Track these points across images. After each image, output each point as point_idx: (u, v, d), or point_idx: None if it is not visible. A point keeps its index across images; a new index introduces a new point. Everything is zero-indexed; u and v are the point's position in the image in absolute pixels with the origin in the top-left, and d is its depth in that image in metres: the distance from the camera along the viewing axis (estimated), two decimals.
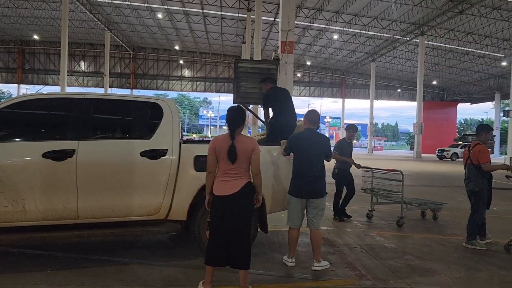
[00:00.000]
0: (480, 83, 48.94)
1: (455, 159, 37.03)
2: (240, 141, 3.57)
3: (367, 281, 4.14)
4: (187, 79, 51.23)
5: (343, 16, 32.47)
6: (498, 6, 27.82)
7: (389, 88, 54.86)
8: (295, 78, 50.06)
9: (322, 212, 4.57)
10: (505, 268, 4.82)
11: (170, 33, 41.21)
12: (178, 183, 4.42)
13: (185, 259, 4.66)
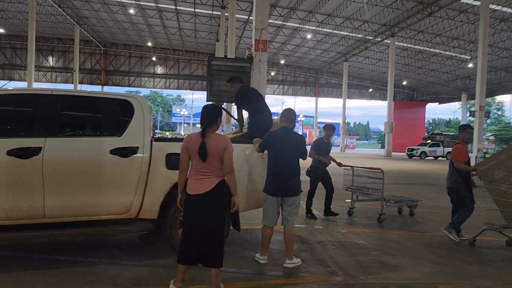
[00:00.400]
0: (448, 84, 50.47)
1: (424, 157, 38.12)
2: (212, 140, 3.55)
3: (338, 277, 4.19)
4: (160, 76, 50.57)
5: (317, 15, 32.79)
6: (465, 9, 28.75)
7: (361, 87, 55.83)
8: (269, 76, 50.23)
9: (296, 210, 4.59)
10: (469, 262, 4.98)
11: (142, 29, 40.53)
12: (149, 181, 4.36)
13: (156, 258, 4.60)
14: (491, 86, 42.79)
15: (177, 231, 4.44)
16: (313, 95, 56.09)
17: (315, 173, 7.54)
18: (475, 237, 5.75)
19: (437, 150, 38.85)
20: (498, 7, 27.09)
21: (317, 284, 3.97)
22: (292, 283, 3.99)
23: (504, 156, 5.44)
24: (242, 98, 5.98)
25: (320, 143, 7.62)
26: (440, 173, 20.73)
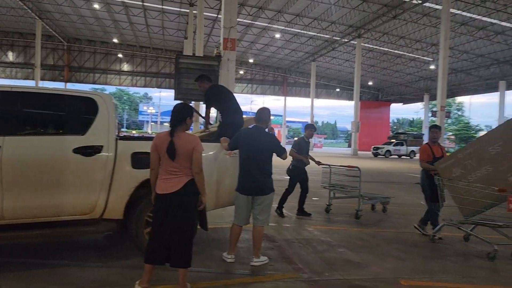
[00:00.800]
0: (411, 85, 52.05)
1: (388, 156, 39.16)
2: (181, 139, 3.53)
3: (304, 274, 4.26)
4: (126, 74, 49.51)
5: (285, 15, 33.04)
6: (428, 12, 29.73)
7: (329, 87, 56.69)
8: (237, 75, 50.19)
9: (267, 209, 4.57)
10: (429, 257, 5.18)
11: (108, 25, 39.53)
12: (114, 181, 4.28)
13: (122, 259, 4.52)
14: (452, 88, 44.47)
15: (143, 231, 4.39)
16: (282, 94, 56.50)
17: (295, 172, 7.64)
18: (434, 232, 5.99)
19: (401, 149, 40.02)
20: (458, 11, 28.17)
21: (283, 282, 4.02)
22: (259, 281, 4.02)
23: (461, 155, 5.67)
24: (212, 97, 5.89)
25: (301, 143, 7.73)
26: (404, 171, 21.37)
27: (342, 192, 8.13)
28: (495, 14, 27.67)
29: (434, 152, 6.26)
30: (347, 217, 7.75)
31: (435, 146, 6.38)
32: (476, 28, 31.31)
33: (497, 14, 27.45)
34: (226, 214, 7.14)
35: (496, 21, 29.14)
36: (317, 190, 11.23)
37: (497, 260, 5.12)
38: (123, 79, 49.99)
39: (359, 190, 7.65)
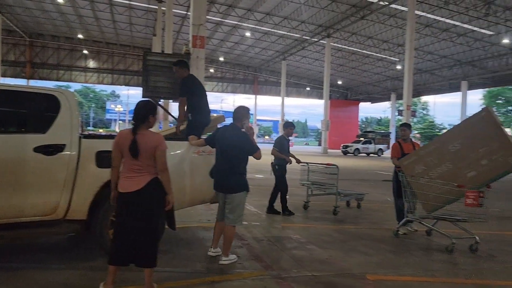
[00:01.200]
0: (379, 84, 53.25)
1: (357, 154, 39.93)
2: (144, 137, 3.44)
3: (272, 271, 4.27)
4: (92, 71, 48.30)
5: (255, 14, 33.09)
6: (394, 14, 30.47)
7: (299, 86, 57.20)
8: (208, 73, 49.88)
9: (236, 209, 4.47)
10: (394, 252, 5.31)
11: (72, 20, 38.36)
12: (78, 181, 4.16)
13: (86, 260, 4.39)
14: (417, 87, 45.78)
15: (108, 232, 4.28)
16: (253, 93, 56.61)
17: (282, 171, 7.59)
18: (398, 227, 6.16)
19: (369, 147, 40.93)
20: (423, 13, 29.00)
21: (252, 280, 4.02)
22: (227, 280, 4.00)
23: (423, 152, 5.86)
24: (190, 87, 5.62)
25: (283, 141, 7.72)
26: (372, 169, 21.84)
27: (321, 189, 8.28)
28: (458, 16, 28.67)
29: (404, 149, 6.44)
30: (320, 214, 7.85)
31: (406, 144, 6.55)
32: (440, 29, 32.34)
33: (459, 16, 28.45)
34: (195, 213, 7.09)
35: (459, 23, 30.21)
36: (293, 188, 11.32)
37: (458, 254, 5.31)
38: (89, 76, 48.75)
39: (336, 188, 7.83)
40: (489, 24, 29.21)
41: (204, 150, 4.84)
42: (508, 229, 7.11)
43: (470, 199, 5.20)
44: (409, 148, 6.50)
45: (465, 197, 5.22)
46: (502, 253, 5.50)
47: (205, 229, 6.18)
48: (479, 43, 34.19)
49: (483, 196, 5.21)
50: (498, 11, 26.94)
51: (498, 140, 5.23)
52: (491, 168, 5.25)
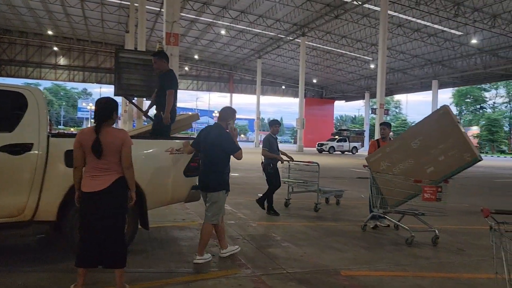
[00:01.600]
0: (353, 83, 54.06)
1: (332, 152, 40.41)
2: (108, 134, 3.35)
3: (247, 270, 4.27)
4: (63, 68, 47.12)
5: (230, 12, 32.99)
6: (367, 14, 30.97)
7: (274, 84, 57.43)
8: (183, 71, 49.45)
9: (214, 206, 4.42)
10: (366, 247, 5.39)
11: (41, 15, 37.25)
12: (46, 181, 4.04)
13: (56, 262, 4.27)
14: (390, 86, 46.75)
15: (77, 233, 4.17)
16: (228, 91, 56.48)
17: (274, 169, 7.49)
18: (365, 222, 6.35)
19: (344, 145, 41.47)
20: (395, 13, 29.60)
21: (226, 278, 4.00)
22: (201, 279, 3.97)
23: (388, 149, 6.04)
24: (171, 81, 5.43)
25: (271, 140, 7.55)
26: (347, 166, 22.15)
27: (302, 187, 8.33)
28: (428, 17, 29.39)
29: (381, 147, 6.57)
30: (298, 211, 7.89)
31: (384, 142, 6.69)
32: (412, 30, 33.08)
33: (430, 17, 29.17)
34: (170, 212, 7.01)
35: (429, 24, 30.99)
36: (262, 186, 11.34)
37: (428, 248, 5.45)
38: (59, 73, 47.55)
39: (317, 185, 7.95)
40: (458, 24, 30.08)
41: (178, 149, 4.79)
42: (475, 224, 7.33)
43: (428, 193, 5.44)
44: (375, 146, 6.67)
45: (422, 191, 5.46)
46: (470, 246, 5.67)
47: (180, 228, 6.11)
48: (449, 43, 35.18)
49: (441, 191, 5.44)
50: (467, 12, 27.78)
51: (454, 137, 5.48)
52: (447, 164, 5.50)
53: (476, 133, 57.99)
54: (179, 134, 6.66)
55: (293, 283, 3.95)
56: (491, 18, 28.30)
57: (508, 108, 68.00)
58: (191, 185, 4.93)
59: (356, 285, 3.97)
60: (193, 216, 6.97)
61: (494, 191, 13.15)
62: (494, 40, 32.85)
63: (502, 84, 64.06)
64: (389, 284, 4.06)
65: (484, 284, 4.17)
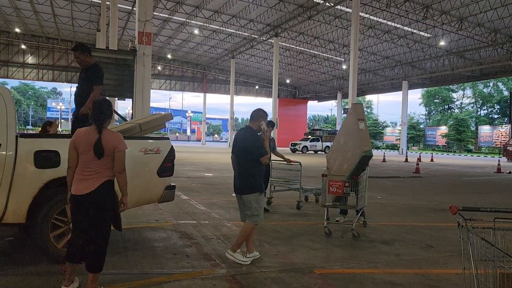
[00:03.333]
0: (326, 83, 54.71)
1: (306, 151, 40.77)
2: (105, 136, 3.32)
3: (222, 269, 4.28)
4: (31, 67, 45.71)
5: (203, 11, 32.82)
6: (339, 15, 31.42)
7: (248, 84, 57.49)
8: (155, 70, 48.84)
9: (252, 208, 4.49)
10: (339, 246, 5.49)
11: (8, 12, 36.05)
12: (15, 182, 3.94)
13: (26, 265, 4.16)
14: (362, 86, 47.57)
15: (48, 235, 4.09)
16: (201, 91, 56.15)
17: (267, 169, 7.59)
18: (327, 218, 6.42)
19: (317, 145, 41.89)
20: (366, 15, 30.16)
21: (201, 279, 3.99)
22: (176, 280, 3.95)
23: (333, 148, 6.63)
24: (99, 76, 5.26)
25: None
26: (320, 165, 22.39)
27: (284, 185, 8.53)
28: (398, 19, 30.09)
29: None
30: (273, 209, 7.92)
31: None
32: (382, 31, 33.79)
33: (400, 19, 29.87)
34: (143, 213, 6.94)
35: (399, 26, 31.73)
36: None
37: (399, 245, 5.59)
38: (27, 72, 46.11)
39: (300, 183, 8.17)
40: (427, 27, 30.92)
41: (151, 149, 4.74)
42: (443, 221, 7.57)
43: (333, 187, 5.96)
44: None
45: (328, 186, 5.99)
46: (438, 243, 5.85)
47: (153, 229, 6.06)
48: (418, 45, 36.11)
49: (348, 186, 5.92)
50: (435, 15, 28.59)
51: (356, 134, 6.08)
52: (352, 159, 6.05)
53: (445, 132, 59.79)
54: (152, 134, 6.58)
55: (267, 282, 3.98)
56: (458, 21, 29.22)
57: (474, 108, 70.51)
58: (165, 185, 4.89)
59: (329, 283, 4.04)
60: (166, 217, 6.92)
61: (461, 189, 13.61)
62: (461, 42, 33.94)
63: (469, 85, 66.43)
64: (361, 281, 4.15)
65: (452, 279, 4.32)
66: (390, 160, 29.51)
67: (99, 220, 3.36)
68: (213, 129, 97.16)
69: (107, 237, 3.46)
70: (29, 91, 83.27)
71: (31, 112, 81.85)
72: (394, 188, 12.86)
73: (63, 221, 4.21)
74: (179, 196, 8.74)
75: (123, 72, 11.37)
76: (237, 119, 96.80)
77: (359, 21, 27.44)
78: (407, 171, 19.72)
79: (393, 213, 8.39)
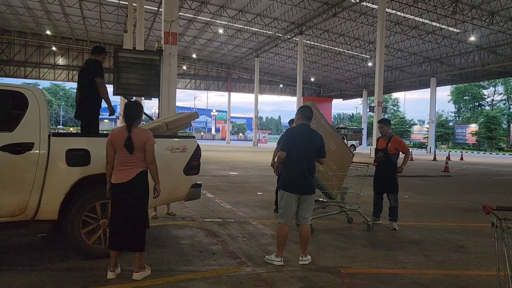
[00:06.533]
0: (351, 81, 54.03)
1: None
2: (135, 133, 3.83)
3: (247, 267, 4.29)
4: (62, 68, 46.98)
5: (228, 11, 32.95)
6: (365, 11, 30.95)
7: (272, 83, 57.37)
8: (181, 70, 49.39)
9: (310, 207, 4.56)
10: (366, 245, 5.42)
11: (40, 16, 37.14)
12: (48, 180, 4.05)
13: (58, 261, 4.29)
14: (388, 84, 46.74)
15: (79, 232, 4.20)
16: (226, 90, 56.40)
17: None
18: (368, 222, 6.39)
19: None
20: (393, 11, 29.59)
21: (227, 276, 4.02)
22: (202, 277, 3.98)
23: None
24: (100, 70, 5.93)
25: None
26: None
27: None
28: (426, 15, 29.39)
29: (378, 145, 6.62)
30: None
31: (382, 140, 6.68)
32: (410, 27, 33.08)
33: (428, 14, 29.17)
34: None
35: (427, 21, 30.98)
36: (261, 184, 11.37)
37: (428, 246, 5.47)
38: (58, 73, 47.41)
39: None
40: (456, 22, 30.09)
41: (178, 147, 4.80)
42: (474, 221, 7.36)
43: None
44: (381, 143, 6.63)
45: None
46: (469, 244, 5.69)
47: (180, 227, 6.13)
48: (447, 41, 35.18)
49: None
50: (465, 10, 27.80)
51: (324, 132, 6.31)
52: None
53: (475, 130, 58.10)
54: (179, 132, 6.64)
55: (293, 281, 3.96)
56: (489, 15, 28.31)
57: (506, 105, 68.13)
58: (191, 183, 4.94)
59: (356, 283, 3.99)
60: (192, 215, 6.99)
61: (493, 188, 13.20)
62: (492, 37, 32.88)
63: (500, 82, 64.24)
64: (389, 281, 4.08)
65: (485, 281, 4.19)
66: (418, 159, 28.90)
67: (137, 204, 3.85)
68: (238, 128, 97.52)
69: (146, 219, 3.94)
70: (59, 92, 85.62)
71: (62, 112, 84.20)
72: (422, 187, 12.59)
73: (94, 218, 4.32)
74: (204, 195, 8.82)
75: (150, 72, 11.52)
76: (261, 118, 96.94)
77: (386, 17, 26.97)
78: (436, 170, 19.26)
79: (421, 212, 8.22)
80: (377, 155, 6.70)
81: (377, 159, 6.70)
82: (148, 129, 5.70)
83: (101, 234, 4.35)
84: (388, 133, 6.72)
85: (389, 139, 6.63)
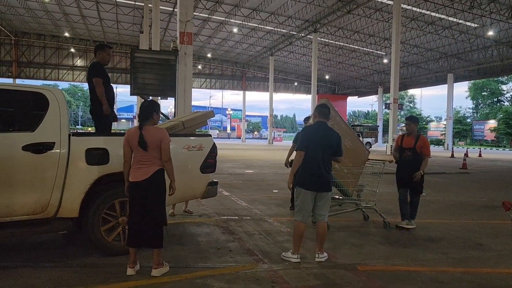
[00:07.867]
0: (366, 78, 53.58)
1: None
2: (149, 132, 3.90)
3: (264, 264, 4.32)
4: (80, 69, 47.75)
5: (242, 10, 33.02)
6: (380, 8, 30.65)
7: (287, 81, 57.27)
8: (196, 70, 49.68)
9: (327, 205, 4.58)
10: (382, 243, 5.40)
11: (58, 18, 37.88)
12: (68, 178, 4.15)
13: (79, 258, 4.40)
14: (404, 81, 46.22)
15: (99, 229, 4.29)
16: (241, 89, 56.54)
17: None
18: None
19: None
20: (408, 6, 29.22)
21: (244, 273, 4.06)
22: (220, 274, 4.03)
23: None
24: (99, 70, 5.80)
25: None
26: None
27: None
28: (443, 10, 28.94)
29: (403, 142, 6.43)
30: None
31: (409, 137, 6.44)
32: (426, 23, 32.63)
33: (445, 9, 28.72)
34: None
35: (444, 16, 30.50)
36: (277, 182, 11.39)
37: (446, 243, 5.42)
38: (76, 74, 48.21)
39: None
40: (474, 16, 29.57)
41: (194, 146, 4.86)
42: (493, 218, 7.25)
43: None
44: (408, 142, 6.36)
45: None
46: (488, 241, 5.62)
47: (197, 224, 6.20)
48: (464, 36, 34.59)
49: None
50: (483, 4, 27.28)
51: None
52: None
53: (494, 126, 56.99)
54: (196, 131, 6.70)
55: (310, 278, 3.98)
56: (508, 9, 27.73)
57: None
58: (208, 181, 4.99)
59: (373, 280, 3.99)
60: (209, 212, 7.06)
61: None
62: (511, 32, 32.20)
63: None
64: (406, 278, 4.07)
65: (505, 279, 4.14)
66: (435, 156, 28.51)
67: (154, 201, 3.93)
68: (253, 126, 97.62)
69: (163, 216, 4.04)
70: (78, 93, 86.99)
71: (80, 112, 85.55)
72: (440, 185, 12.44)
73: (113, 215, 4.41)
74: (220, 192, 8.88)
75: (166, 72, 11.66)
76: (276, 116, 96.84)
77: (401, 13, 26.66)
78: (454, 167, 18.98)
79: (439, 210, 8.13)
80: (403, 153, 6.41)
81: (402, 157, 6.42)
82: (165, 128, 5.81)
83: (120, 232, 4.45)
84: (414, 131, 6.50)
85: (417, 138, 6.41)
